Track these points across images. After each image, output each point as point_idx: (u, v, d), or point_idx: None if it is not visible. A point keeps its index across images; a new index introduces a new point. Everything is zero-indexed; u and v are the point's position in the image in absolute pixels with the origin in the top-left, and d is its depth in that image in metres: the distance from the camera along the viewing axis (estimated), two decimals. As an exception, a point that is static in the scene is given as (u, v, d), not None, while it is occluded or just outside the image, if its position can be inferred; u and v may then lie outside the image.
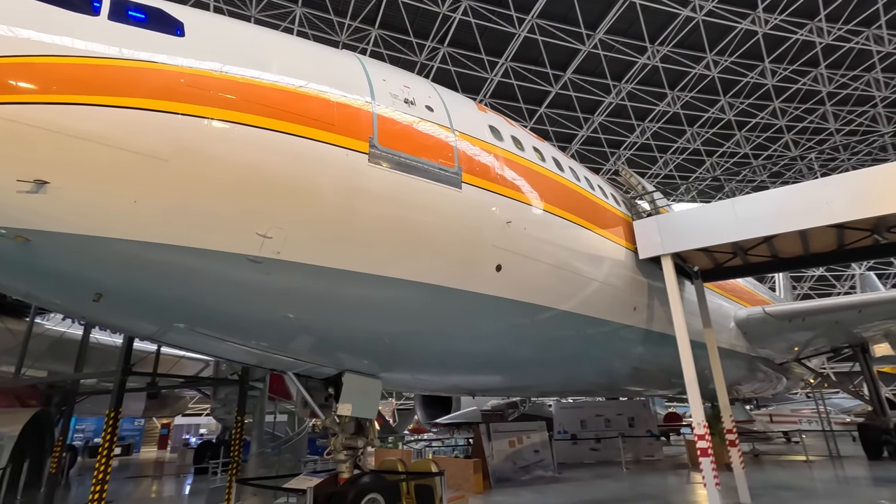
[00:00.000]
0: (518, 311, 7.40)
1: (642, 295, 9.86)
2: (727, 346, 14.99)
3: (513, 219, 6.97)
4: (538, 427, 15.49)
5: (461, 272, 6.43)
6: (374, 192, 5.62)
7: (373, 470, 7.47)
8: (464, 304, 6.65)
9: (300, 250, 5.17)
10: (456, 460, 13.26)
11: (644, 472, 15.55)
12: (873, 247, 9.26)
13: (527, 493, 11.82)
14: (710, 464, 7.84)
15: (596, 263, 8.64)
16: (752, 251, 9.81)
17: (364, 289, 5.73)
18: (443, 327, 6.84)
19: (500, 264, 6.78)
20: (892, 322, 15.96)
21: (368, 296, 5.83)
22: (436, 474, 7.10)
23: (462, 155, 6.60)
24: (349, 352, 6.50)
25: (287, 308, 5.53)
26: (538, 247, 7.43)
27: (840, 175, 7.92)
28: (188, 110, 4.57)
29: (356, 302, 5.82)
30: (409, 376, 8.40)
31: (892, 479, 12.01)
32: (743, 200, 8.63)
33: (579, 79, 29.21)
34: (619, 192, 10.82)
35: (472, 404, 21.90)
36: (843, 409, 32.14)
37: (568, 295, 8.12)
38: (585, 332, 8.96)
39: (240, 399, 9.95)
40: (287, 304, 5.50)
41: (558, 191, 8.20)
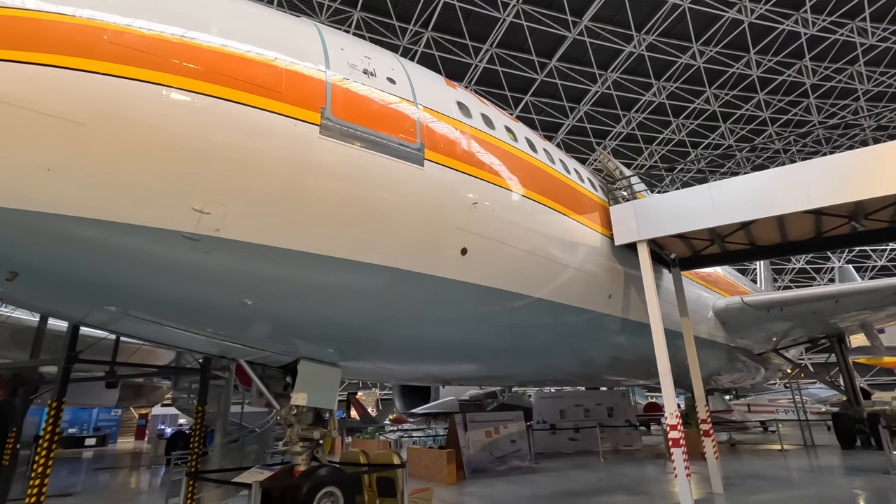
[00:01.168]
0: (486, 297, 7.09)
1: (618, 283, 9.62)
2: (706, 337, 14.92)
3: (480, 200, 6.63)
4: (515, 417, 15.31)
5: (423, 255, 6.09)
6: (327, 167, 5.23)
7: (332, 462, 7.14)
8: (427, 288, 6.32)
9: (243, 228, 4.78)
10: (430, 451, 13.03)
11: (621, 461, 15.50)
12: (851, 235, 9.12)
13: (501, 484, 11.64)
14: (681, 454, 7.67)
15: (569, 249, 8.35)
16: (730, 238, 9.62)
17: (316, 271, 5.35)
18: (405, 313, 6.50)
19: (465, 247, 6.45)
20: (868, 312, 16.05)
21: (321, 279, 5.46)
22: (397, 466, 6.80)
23: (425, 130, 6.22)
24: (303, 338, 6.13)
25: (231, 291, 5.14)
26: (508, 230, 7.10)
27: (818, 159, 7.72)
28: (111, 70, 4.12)
29: (308, 285, 5.45)
30: (372, 365, 8.08)
31: (864, 468, 12.05)
32: (720, 185, 8.40)
33: (565, 67, 28.82)
34: (597, 178, 10.54)
35: (451, 394, 21.72)
36: (819, 399, 32.69)
37: (539, 281, 7.83)
38: (558, 321, 8.70)
39: (200, 388, 9.54)
40: (231, 287, 5.11)
41: (531, 173, 7.87)
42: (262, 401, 6.99)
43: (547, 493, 10.36)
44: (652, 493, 9.84)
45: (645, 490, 10.19)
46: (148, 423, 38.22)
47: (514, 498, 9.98)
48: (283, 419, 6.70)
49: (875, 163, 7.19)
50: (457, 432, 13.25)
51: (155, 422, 38.11)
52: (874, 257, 51.79)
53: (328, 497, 6.19)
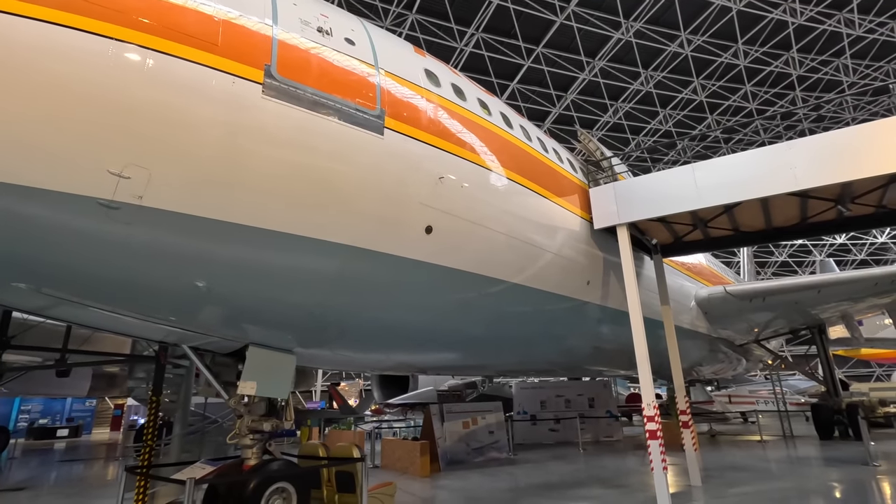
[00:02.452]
0: (455, 280, 6.63)
1: (597, 269, 9.23)
2: (688, 327, 14.69)
3: (447, 175, 6.14)
4: (494, 408, 14.98)
5: (382, 232, 5.59)
6: (270, 131, 4.69)
7: (286, 454, 6.67)
8: (388, 270, 5.83)
9: (171, 196, 4.23)
10: (403, 443, 12.63)
11: (601, 453, 15.28)
12: (836, 220, 8.83)
13: (476, 477, 11.29)
14: (658, 447, 7.34)
15: (546, 232, 7.92)
16: (713, 223, 9.27)
17: (259, 248, 4.83)
18: (365, 296, 6.00)
19: (430, 226, 5.97)
20: (849, 303, 15.97)
21: (265, 256, 4.94)
22: (356, 460, 6.35)
23: (387, 96, 5.70)
24: (248, 322, 5.61)
25: (161, 268, 4.59)
26: (478, 209, 6.63)
27: (804, 139, 7.36)
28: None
29: (250, 263, 4.91)
30: (334, 353, 7.58)
31: (843, 459, 11.93)
32: (703, 166, 8.01)
33: (552, 53, 28.33)
34: (578, 160, 10.11)
35: (430, 384, 21.35)
36: (798, 390, 33.05)
37: (513, 266, 7.38)
38: (533, 308, 8.28)
39: (155, 377, 8.98)
40: (161, 263, 4.56)
41: (505, 149, 7.39)
42: (212, 390, 6.46)
43: (522, 486, 10.03)
44: (629, 485, 9.55)
45: (623, 483, 9.91)
46: (124, 414, 37.31)
47: (487, 491, 9.62)
48: (232, 410, 6.21)
49: (864, 142, 6.85)
50: (432, 423, 12.85)
51: (131, 412, 37.25)
52: (854, 251, 52.51)
53: (279, 493, 5.73)
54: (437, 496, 9.35)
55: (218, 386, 6.15)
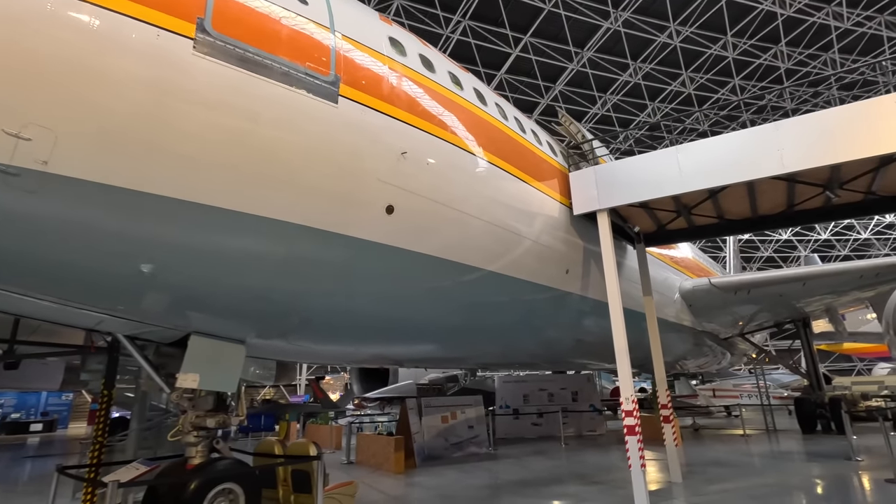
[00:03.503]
0: (422, 266, 6.16)
1: (576, 257, 8.82)
2: (672, 319, 14.41)
3: (411, 150, 5.66)
4: (474, 402, 14.60)
5: (336, 211, 5.10)
6: (203, 93, 4.16)
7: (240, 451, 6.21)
8: (344, 252, 5.35)
9: (83, 163, 3.70)
10: (378, 438, 12.20)
11: (584, 447, 15.00)
12: (824, 207, 8.51)
13: (452, 473, 10.90)
14: (636, 443, 6.98)
15: (522, 217, 7.47)
16: (697, 210, 8.91)
17: (191, 223, 4.32)
18: (318, 281, 5.51)
19: (391, 205, 5.48)
20: (833, 296, 15.80)
21: (199, 233, 4.43)
22: (312, 458, 5.89)
23: (343, 62, 5.19)
24: (185, 308, 5.10)
25: (73, 243, 4.05)
26: (446, 189, 6.16)
27: (792, 119, 6.99)
28: None
29: (181, 240, 4.40)
30: (291, 344, 7.08)
31: (825, 454, 11.75)
32: (688, 148, 7.61)
33: (541, 43, 27.85)
34: (560, 145, 9.67)
35: (409, 377, 20.92)
36: (782, 384, 33.19)
37: (485, 251, 6.93)
38: (507, 297, 7.85)
39: (108, 369, 8.41)
40: (72, 238, 4.02)
41: (478, 126, 6.92)
42: (155, 383, 5.95)
43: (498, 483, 9.67)
44: (608, 482, 9.22)
45: (602, 479, 9.57)
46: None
47: (461, 489, 9.23)
48: (174, 405, 5.72)
49: (855, 122, 6.50)
50: (408, 418, 12.43)
51: (108, 407, 36.40)
52: (838, 247, 53.07)
53: (225, 495, 5.27)
54: (408, 494, 8.94)
55: (159, 379, 5.65)
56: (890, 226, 51.68)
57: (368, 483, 9.96)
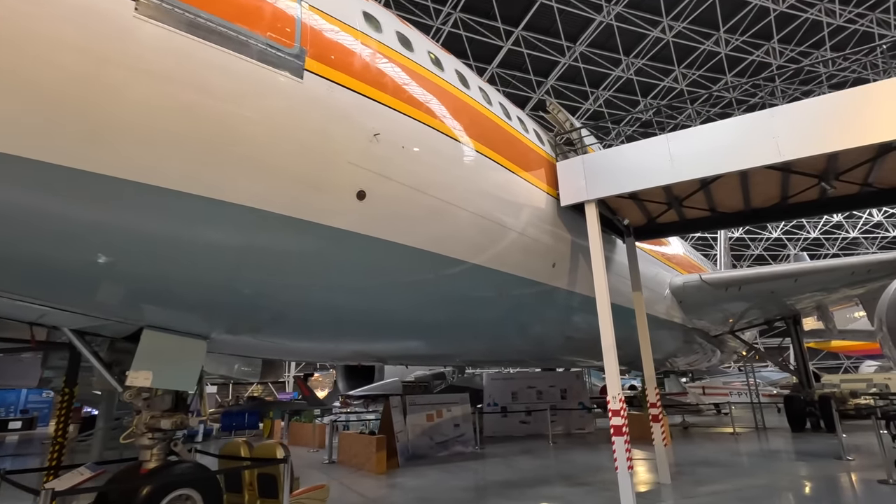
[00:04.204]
0: (398, 257, 5.79)
1: (564, 251, 8.49)
2: (663, 316, 14.17)
3: (385, 132, 5.27)
4: (461, 399, 14.26)
5: (300, 195, 4.71)
6: (147, 61, 3.75)
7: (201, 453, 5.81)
8: (310, 241, 4.97)
9: (10, 136, 3.30)
10: (360, 437, 11.83)
11: (572, 446, 14.73)
12: (819, 200, 8.25)
13: (434, 473, 10.56)
14: (623, 444, 6.67)
15: (506, 207, 7.12)
16: (688, 202, 8.62)
17: (138, 206, 3.92)
18: (284, 272, 5.11)
19: (362, 190, 5.10)
20: (823, 293, 15.66)
21: (146, 217, 4.03)
22: (277, 461, 5.51)
23: (310, 34, 4.79)
24: (134, 300, 4.69)
25: (6, 226, 3.65)
26: (424, 175, 5.79)
27: (788, 105, 6.69)
28: None
29: (125, 224, 3.98)
30: (259, 339, 6.67)
31: (816, 453, 11.55)
32: (679, 136, 7.30)
33: (532, 36, 27.49)
34: (547, 133, 9.32)
35: (395, 375, 20.54)
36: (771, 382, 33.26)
37: (466, 242, 6.57)
38: (490, 291, 7.50)
39: (69, 366, 8.00)
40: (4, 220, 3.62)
41: (460, 110, 6.55)
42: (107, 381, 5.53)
43: (481, 484, 9.34)
44: (595, 483, 8.93)
45: (589, 480, 9.28)
46: (83, 405, 35.71)
47: (443, 490, 8.89)
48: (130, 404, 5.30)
49: (854, 108, 6.22)
50: (391, 416, 12.07)
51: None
52: (827, 245, 53.43)
53: (182, 501, 4.88)
54: (386, 497, 8.58)
55: (110, 377, 5.23)
56: (878, 225, 52.10)
57: (347, 484, 9.60)
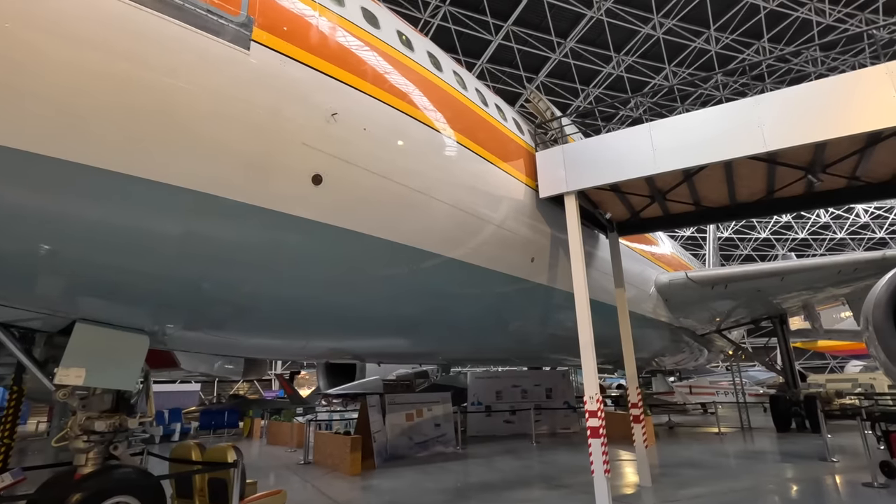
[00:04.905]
0: (358, 247, 5.42)
1: (543, 245, 8.17)
2: (650, 315, 13.93)
3: (344, 112, 4.90)
4: (442, 399, 13.93)
5: (248, 178, 4.32)
6: (68, 26, 3.37)
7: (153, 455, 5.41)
8: (261, 227, 4.59)
9: None
10: (335, 437, 11.45)
11: (556, 446, 14.44)
12: (805, 195, 8.01)
13: (411, 475, 10.22)
14: (599, 446, 6.36)
15: (480, 197, 6.77)
16: (672, 195, 8.33)
17: (61, 185, 3.52)
18: (232, 260, 4.72)
19: (319, 174, 4.73)
20: (810, 293, 15.52)
21: (71, 197, 3.63)
22: (228, 465, 5.13)
23: (259, 2, 4.40)
24: (63, 291, 4.28)
25: None
26: (388, 161, 5.43)
27: (774, 92, 6.41)
28: None
29: (47, 205, 3.59)
30: (213, 335, 6.25)
31: (801, 454, 11.36)
32: (662, 125, 6.99)
33: (522, 31, 27.18)
34: (528, 123, 8.99)
35: (377, 373, 20.15)
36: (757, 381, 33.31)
37: (436, 233, 6.22)
38: (463, 286, 7.16)
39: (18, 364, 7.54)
40: None
41: (431, 93, 6.19)
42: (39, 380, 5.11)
43: (458, 487, 9.00)
44: (574, 485, 8.63)
45: (568, 482, 8.98)
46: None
47: (417, 492, 8.55)
48: (66, 404, 4.89)
49: (843, 95, 5.95)
50: (368, 416, 11.70)
51: (68, 402, 34.90)
52: (815, 246, 53.82)
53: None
54: (356, 500, 8.21)
55: (40, 373, 4.82)
56: (865, 226, 52.52)
57: (318, 486, 9.23)
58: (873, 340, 8.62)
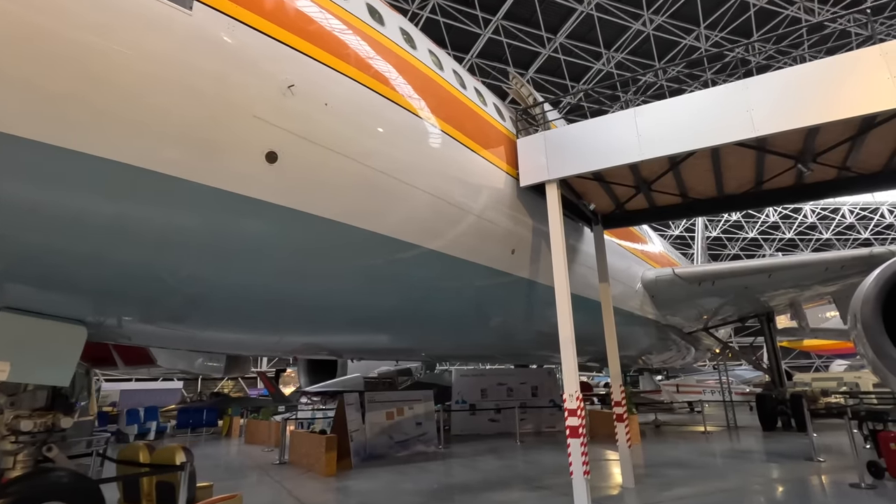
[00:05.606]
0: (319, 233, 5.03)
1: (524, 236, 7.83)
2: (636, 312, 13.68)
3: (303, 84, 4.50)
4: (423, 397, 13.58)
5: (190, 152, 3.91)
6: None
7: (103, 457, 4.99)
8: (206, 207, 4.18)
9: None
10: (311, 436, 11.04)
11: (541, 445, 14.17)
12: (794, 186, 7.76)
13: (387, 475, 9.85)
14: (579, 446, 6.04)
15: (456, 184, 6.40)
16: (659, 186, 8.03)
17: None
18: (174, 244, 4.31)
19: (273, 151, 4.33)
20: (797, 290, 15.38)
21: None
22: (175, 468, 4.73)
23: (204, -41, 3.99)
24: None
25: None
26: (355, 140, 5.04)
27: (764, 75, 6.11)
28: None
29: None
30: (156, 327, 5.80)
31: (786, 454, 11.18)
32: (647, 110, 6.67)
33: (512, 26, 26.86)
34: (511, 110, 8.64)
35: (360, 370, 19.70)
36: (744, 380, 33.36)
37: (407, 219, 5.84)
38: (439, 279, 6.80)
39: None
40: None
41: (403, 71, 5.81)
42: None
43: (434, 488, 8.65)
44: (554, 486, 8.32)
45: (549, 483, 8.67)
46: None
47: (390, 494, 8.19)
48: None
49: (836, 77, 5.67)
50: (345, 414, 11.30)
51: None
52: (801, 246, 54.26)
53: (49, 517, 4.07)
54: (326, 502, 7.83)
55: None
56: (850, 227, 53.03)
57: (288, 488, 8.83)
58: (861, 338, 8.39)
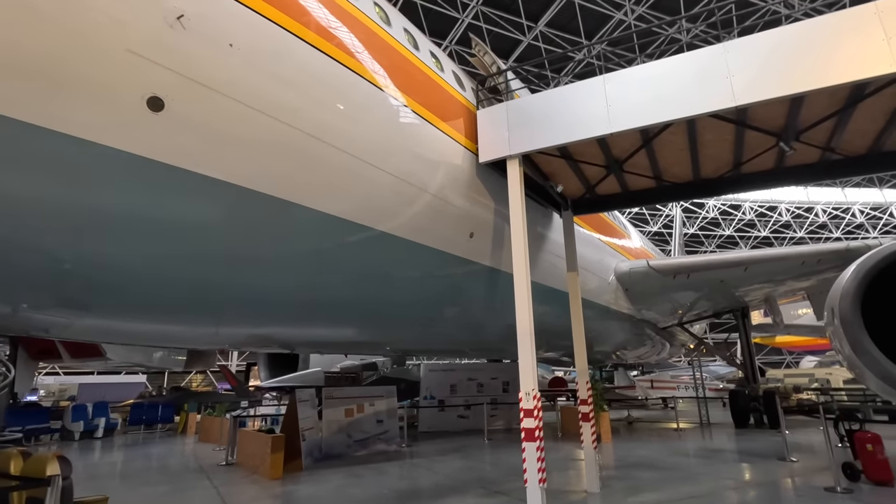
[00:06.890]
0: (224, 200, 4.24)
1: (484, 218, 7.13)
2: (610, 305, 13.16)
3: (197, 17, 3.69)
4: (386, 393, 12.84)
5: (35, 92, 3.09)
6: None
7: None
8: (63, 163, 3.36)
9: None
10: (258, 435, 10.21)
11: (508, 443, 13.56)
12: (774, 170, 7.22)
13: (338, 478, 9.10)
14: (534, 451, 5.40)
15: (402, 154, 5.65)
16: (631, 166, 7.41)
17: None
18: (50, 212, 3.49)
19: (157, 97, 3.52)
20: (772, 285, 15.10)
21: None
22: (42, 482, 3.91)
23: None
24: None
25: None
26: (269, 91, 4.24)
27: (745, 38, 5.51)
28: None
29: None
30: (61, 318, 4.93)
31: (759, 453, 10.80)
32: (618, 77, 6.01)
33: (492, 12, 26.13)
34: (473, 80, 7.91)
35: (319, 364, 18.86)
36: (718, 376, 33.53)
37: (340, 192, 5.08)
38: (380, 261, 6.05)
39: None
40: None
41: (338, 17, 5.01)
42: None
43: (384, 494, 7.93)
44: (513, 491, 7.69)
45: (507, 488, 8.03)
46: None
47: (333, 502, 7.44)
48: None
49: (824, 39, 5.10)
50: (297, 412, 10.50)
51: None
52: (776, 244, 55.06)
53: None
54: (259, 512, 7.06)
55: None
56: (823, 226, 54.00)
57: (224, 493, 8.01)
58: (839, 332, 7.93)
